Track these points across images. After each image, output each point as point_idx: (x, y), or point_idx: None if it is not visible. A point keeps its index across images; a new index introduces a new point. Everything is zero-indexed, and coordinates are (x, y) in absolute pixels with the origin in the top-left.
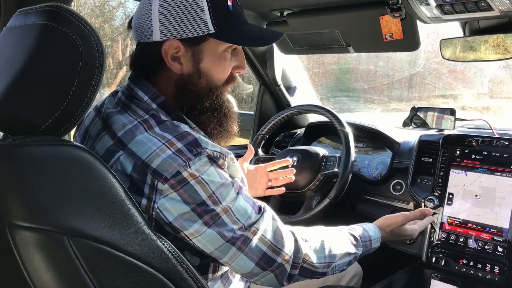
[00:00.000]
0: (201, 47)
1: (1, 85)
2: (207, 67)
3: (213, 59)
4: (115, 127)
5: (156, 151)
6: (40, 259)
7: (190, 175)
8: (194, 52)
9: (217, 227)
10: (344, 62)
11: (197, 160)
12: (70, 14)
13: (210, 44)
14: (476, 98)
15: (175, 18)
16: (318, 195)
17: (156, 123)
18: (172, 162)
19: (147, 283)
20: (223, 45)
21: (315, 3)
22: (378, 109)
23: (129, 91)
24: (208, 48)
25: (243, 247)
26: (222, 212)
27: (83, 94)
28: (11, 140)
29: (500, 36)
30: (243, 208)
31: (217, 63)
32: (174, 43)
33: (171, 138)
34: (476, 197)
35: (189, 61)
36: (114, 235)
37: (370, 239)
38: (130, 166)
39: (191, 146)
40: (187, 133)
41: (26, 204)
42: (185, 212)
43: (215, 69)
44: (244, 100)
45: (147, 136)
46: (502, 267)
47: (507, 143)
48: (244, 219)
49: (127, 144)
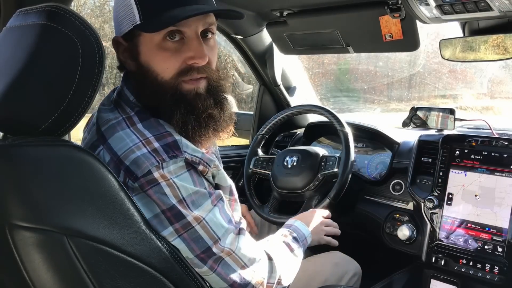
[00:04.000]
0: (136, 41)
1: (1, 85)
2: (146, 60)
3: (149, 52)
4: (100, 122)
5: (131, 147)
6: (40, 259)
7: (161, 176)
8: (130, 47)
9: (188, 239)
10: (344, 62)
11: (171, 163)
12: (70, 14)
13: (144, 36)
14: (476, 98)
15: (117, 16)
16: (318, 195)
17: (139, 119)
18: (145, 160)
19: (146, 283)
20: (158, 35)
21: (315, 3)
22: (378, 109)
23: (120, 89)
24: (143, 40)
25: (215, 266)
26: (195, 221)
27: (83, 94)
28: (11, 140)
29: (499, 36)
30: (219, 221)
31: (154, 55)
32: (116, 39)
33: (149, 137)
34: (475, 197)
35: (129, 57)
36: (114, 235)
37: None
38: (107, 159)
39: (169, 148)
40: (168, 133)
41: (26, 204)
42: (156, 214)
43: (154, 62)
44: (244, 100)
45: (127, 132)
46: (501, 267)
47: (506, 143)
48: (221, 233)
49: (107, 139)
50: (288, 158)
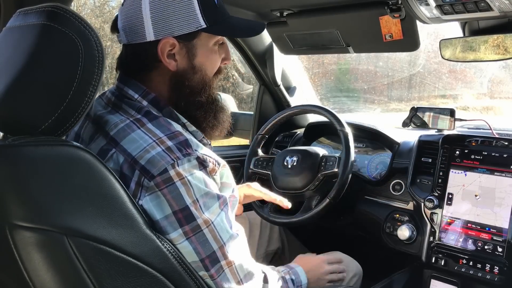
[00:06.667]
0: (194, 43)
1: (1, 85)
2: (201, 61)
3: (205, 53)
4: (107, 127)
5: (146, 147)
6: (40, 259)
7: (176, 175)
8: (188, 48)
9: (196, 241)
10: (344, 62)
11: (186, 160)
12: (70, 14)
13: (201, 39)
14: (476, 98)
15: (168, 16)
16: (318, 195)
17: (148, 120)
18: (160, 159)
19: (146, 283)
20: (213, 39)
21: (315, 3)
22: (378, 109)
23: (118, 91)
24: (200, 43)
25: (215, 276)
26: (204, 224)
27: (83, 94)
28: (11, 140)
29: (499, 36)
30: (225, 226)
31: (209, 57)
32: (169, 41)
33: (162, 136)
34: (475, 197)
35: (184, 57)
36: (114, 235)
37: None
38: (122, 161)
39: (182, 146)
40: (179, 132)
41: (26, 204)
42: (167, 215)
43: (208, 63)
44: (244, 100)
45: (139, 133)
46: (501, 267)
47: (506, 143)
48: (226, 238)
49: (120, 142)
50: (288, 158)
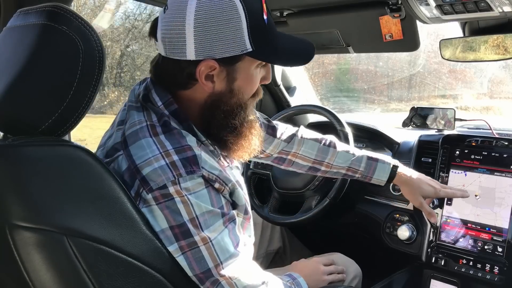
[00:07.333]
0: (236, 66)
1: (1, 85)
2: (240, 85)
3: (246, 77)
4: (128, 123)
5: (150, 158)
6: (40, 259)
7: (176, 192)
8: (228, 72)
9: (191, 257)
10: (344, 62)
11: (188, 178)
12: (70, 14)
13: (244, 62)
14: (476, 98)
15: (212, 36)
16: (318, 195)
17: (163, 130)
18: (162, 174)
19: (146, 283)
20: (256, 61)
21: (315, 3)
22: (378, 109)
23: (147, 91)
24: (242, 66)
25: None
26: (201, 242)
27: (83, 94)
28: (11, 140)
29: (499, 36)
30: (226, 245)
31: (249, 80)
32: (209, 63)
33: (169, 149)
34: (475, 197)
35: (223, 81)
36: (114, 235)
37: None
38: (124, 167)
39: (187, 162)
40: (189, 147)
41: (26, 204)
42: (164, 229)
43: (247, 86)
44: None
45: (149, 141)
46: (501, 267)
47: (506, 143)
48: (225, 257)
49: (129, 146)
50: None
